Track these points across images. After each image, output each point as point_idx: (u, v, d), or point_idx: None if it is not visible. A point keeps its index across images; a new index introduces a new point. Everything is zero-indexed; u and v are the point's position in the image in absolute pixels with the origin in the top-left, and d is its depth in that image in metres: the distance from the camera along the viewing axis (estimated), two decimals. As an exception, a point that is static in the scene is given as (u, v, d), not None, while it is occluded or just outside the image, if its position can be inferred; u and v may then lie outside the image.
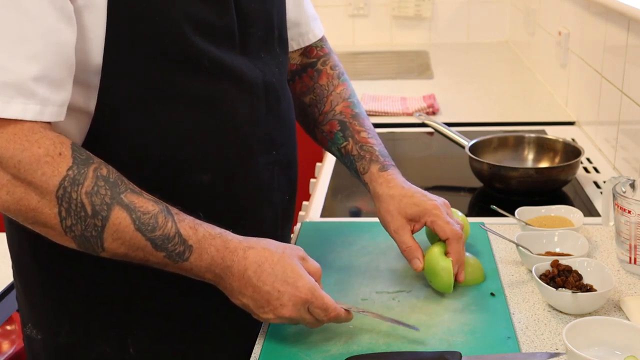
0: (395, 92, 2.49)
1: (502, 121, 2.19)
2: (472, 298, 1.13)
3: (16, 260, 1.09)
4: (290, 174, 1.16)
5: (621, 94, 1.71)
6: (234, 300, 0.97)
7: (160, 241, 0.90)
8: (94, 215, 0.86)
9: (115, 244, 0.88)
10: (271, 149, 1.09)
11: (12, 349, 1.85)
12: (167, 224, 0.90)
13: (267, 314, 0.96)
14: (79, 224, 0.86)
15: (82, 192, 0.86)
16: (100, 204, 0.86)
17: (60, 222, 0.86)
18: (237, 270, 0.94)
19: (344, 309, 1.00)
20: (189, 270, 0.94)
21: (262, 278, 0.94)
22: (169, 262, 0.92)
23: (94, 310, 1.04)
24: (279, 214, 1.13)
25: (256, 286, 0.94)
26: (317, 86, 1.25)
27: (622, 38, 1.69)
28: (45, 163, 0.84)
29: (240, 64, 1.01)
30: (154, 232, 0.89)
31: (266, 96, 1.07)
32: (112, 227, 0.87)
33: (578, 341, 0.94)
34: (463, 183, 1.74)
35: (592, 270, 1.12)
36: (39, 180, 0.84)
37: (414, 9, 3.38)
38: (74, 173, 0.85)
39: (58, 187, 0.85)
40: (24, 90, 0.83)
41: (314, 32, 1.26)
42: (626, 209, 1.17)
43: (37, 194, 0.85)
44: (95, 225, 0.87)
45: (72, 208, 0.86)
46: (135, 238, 0.89)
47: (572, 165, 1.59)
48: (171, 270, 0.94)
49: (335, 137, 1.22)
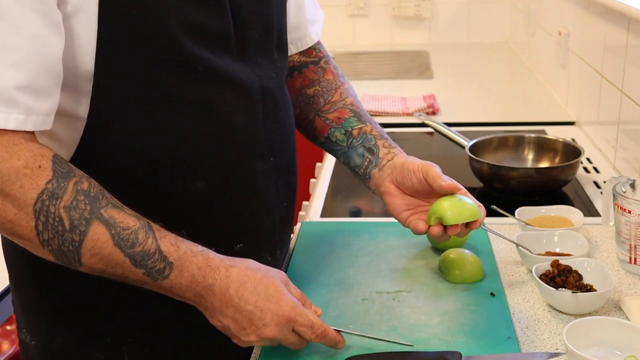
0: (395, 92, 2.49)
1: (502, 121, 2.19)
2: (472, 298, 1.13)
3: (11, 266, 1.08)
4: (289, 180, 1.14)
5: (621, 94, 1.71)
6: (214, 322, 0.95)
7: (139, 257, 0.88)
8: (72, 229, 0.85)
9: (93, 259, 0.87)
10: (269, 155, 1.07)
11: (12, 349, 1.85)
12: (147, 240, 0.89)
13: (249, 336, 0.93)
14: (56, 238, 0.85)
15: (61, 205, 0.84)
16: (78, 219, 0.85)
17: (37, 236, 0.85)
18: (218, 289, 0.92)
19: (333, 329, 0.97)
20: (169, 289, 0.92)
21: (244, 297, 0.92)
22: (148, 279, 0.90)
23: (88, 317, 1.03)
24: (276, 221, 1.11)
25: (238, 305, 0.92)
26: (323, 80, 1.24)
27: (622, 38, 1.69)
28: (24, 175, 0.83)
29: (236, 68, 1.00)
30: (134, 248, 0.88)
31: (263, 101, 1.05)
32: (90, 243, 0.86)
33: (578, 341, 0.94)
34: (463, 183, 1.71)
35: (592, 270, 1.12)
36: (16, 193, 0.83)
37: (414, 9, 3.38)
38: (53, 187, 0.84)
39: (36, 200, 0.83)
40: (6, 99, 0.81)
41: (311, 36, 1.25)
42: (626, 209, 1.17)
43: (14, 207, 0.83)
44: (73, 240, 0.85)
45: (50, 222, 0.84)
46: (114, 254, 0.87)
47: (572, 165, 1.59)
48: (150, 289, 0.92)
49: (346, 122, 1.20)
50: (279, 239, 1.14)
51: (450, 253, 1.20)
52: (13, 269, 1.08)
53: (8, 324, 1.89)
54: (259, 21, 1.04)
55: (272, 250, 1.11)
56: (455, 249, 1.22)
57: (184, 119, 0.95)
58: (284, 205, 1.13)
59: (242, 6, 1.00)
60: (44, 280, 1.03)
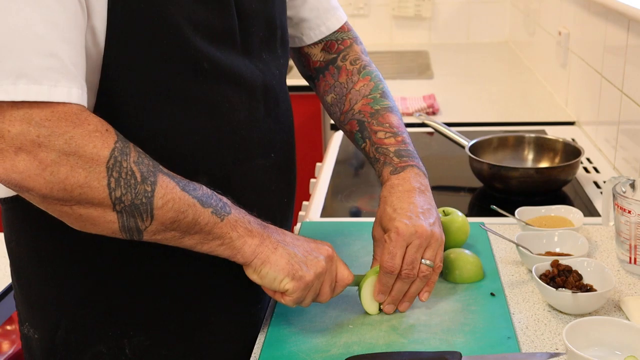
0: (395, 92, 2.49)
1: (502, 121, 2.19)
2: (472, 298, 1.13)
3: (14, 259, 1.08)
4: (288, 176, 1.15)
5: (621, 94, 1.71)
6: (277, 256, 0.97)
7: (205, 198, 0.92)
8: (144, 180, 0.88)
9: (165, 208, 0.89)
10: (270, 151, 1.08)
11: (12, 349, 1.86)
12: (202, 186, 0.94)
13: (309, 269, 0.98)
14: (129, 192, 0.87)
15: (131, 161, 0.88)
16: (146, 171, 0.88)
17: (109, 195, 0.86)
18: (274, 228, 1.00)
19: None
20: (234, 225, 0.95)
21: (296, 239, 1.01)
22: (217, 219, 0.93)
23: (91, 310, 1.03)
24: (277, 217, 1.12)
25: (295, 242, 1.00)
26: (337, 84, 1.23)
27: (622, 38, 1.69)
28: (96, 137, 0.86)
29: (241, 65, 1.01)
30: (196, 191, 0.92)
31: (265, 99, 1.06)
32: (161, 190, 0.89)
33: (578, 341, 0.94)
34: (463, 183, 1.74)
35: (592, 270, 1.12)
36: (90, 153, 0.85)
37: (414, 9, 3.38)
38: (121, 145, 0.87)
39: (109, 157, 0.86)
40: (67, 73, 0.84)
41: (327, 24, 1.24)
42: (626, 209, 1.17)
43: (86, 169, 0.85)
44: (146, 190, 0.88)
45: (122, 177, 0.87)
46: (183, 197, 0.90)
47: (572, 165, 1.59)
48: (214, 239, 0.94)
49: (356, 138, 1.21)
50: None
51: (450, 253, 1.20)
52: (16, 263, 1.08)
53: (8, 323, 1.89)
54: (262, 18, 1.06)
55: None
56: (455, 249, 1.22)
57: (187, 114, 0.97)
58: (284, 201, 1.14)
59: (245, 4, 1.02)
60: (47, 273, 1.03)
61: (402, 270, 1.05)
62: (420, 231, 1.04)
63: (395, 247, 1.04)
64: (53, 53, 0.82)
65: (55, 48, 0.82)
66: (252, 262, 0.96)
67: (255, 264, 0.96)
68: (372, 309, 1.09)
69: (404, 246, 1.04)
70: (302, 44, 1.24)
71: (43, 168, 0.83)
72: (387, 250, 1.05)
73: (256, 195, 1.07)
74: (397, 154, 1.15)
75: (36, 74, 0.81)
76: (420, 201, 1.09)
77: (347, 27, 1.27)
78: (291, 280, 0.97)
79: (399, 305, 1.09)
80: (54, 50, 0.82)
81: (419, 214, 1.06)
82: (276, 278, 0.97)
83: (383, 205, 1.10)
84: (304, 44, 1.24)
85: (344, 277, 1.04)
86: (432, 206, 1.10)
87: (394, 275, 1.05)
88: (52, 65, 0.82)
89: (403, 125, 1.20)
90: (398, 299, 1.08)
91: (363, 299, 1.08)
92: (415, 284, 1.07)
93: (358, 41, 1.27)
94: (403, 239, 1.04)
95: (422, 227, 1.05)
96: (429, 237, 1.05)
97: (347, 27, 1.27)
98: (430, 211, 1.08)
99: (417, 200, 1.08)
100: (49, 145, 0.83)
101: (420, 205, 1.08)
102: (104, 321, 1.04)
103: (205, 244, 0.94)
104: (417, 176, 1.12)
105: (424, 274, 1.06)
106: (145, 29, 0.90)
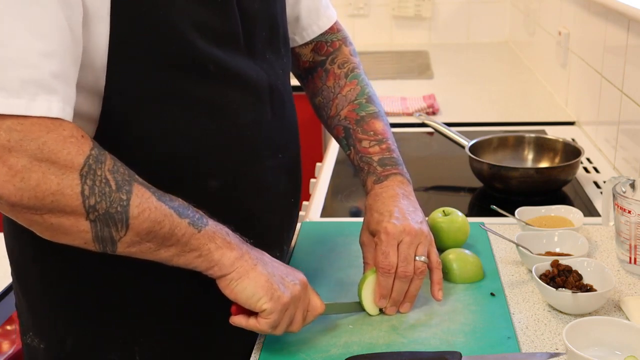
0: (395, 92, 2.49)
1: (502, 121, 2.20)
2: (472, 298, 1.13)
3: (16, 267, 1.07)
4: (295, 177, 1.15)
5: (621, 94, 1.71)
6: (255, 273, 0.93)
7: (181, 209, 0.89)
8: (119, 189, 0.85)
9: (141, 217, 0.86)
10: (277, 152, 1.08)
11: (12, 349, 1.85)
12: (178, 198, 0.91)
13: (285, 291, 0.94)
14: (103, 200, 0.84)
15: (106, 169, 0.85)
16: (122, 180, 0.86)
17: (82, 203, 0.83)
18: (251, 246, 0.96)
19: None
20: (212, 237, 0.91)
21: (274, 261, 0.98)
22: (194, 231, 0.89)
23: (100, 318, 1.02)
24: (284, 218, 1.12)
25: (272, 263, 0.97)
26: (324, 88, 1.23)
27: (622, 38, 1.69)
28: (70, 143, 0.83)
29: (246, 66, 1.01)
30: (173, 202, 0.89)
31: (271, 99, 1.06)
32: (137, 199, 0.86)
33: (578, 341, 0.94)
34: (463, 183, 1.74)
35: (592, 270, 1.12)
36: (63, 160, 0.82)
37: (414, 9, 3.38)
38: (96, 152, 0.85)
39: (83, 165, 0.83)
40: (46, 87, 0.81)
41: (318, 23, 1.23)
42: (626, 209, 1.17)
43: (58, 176, 0.82)
44: (121, 199, 0.85)
45: (97, 185, 0.84)
46: (160, 207, 0.87)
47: (572, 165, 1.59)
48: (191, 250, 0.90)
49: (341, 144, 1.22)
50: (286, 236, 1.16)
51: (450, 253, 1.20)
52: (20, 273, 1.07)
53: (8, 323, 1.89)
54: (264, 19, 1.05)
55: (280, 246, 1.13)
56: (455, 249, 1.22)
57: (195, 118, 0.96)
58: (290, 202, 1.14)
59: (247, 5, 1.01)
60: (53, 282, 1.02)
61: (398, 269, 1.05)
62: (409, 229, 1.07)
63: (387, 246, 1.05)
64: (35, 65, 0.80)
65: (36, 60, 0.80)
66: (230, 274, 0.92)
67: (233, 277, 0.92)
68: (373, 310, 1.09)
69: (395, 244, 1.06)
70: (295, 44, 1.24)
71: (13, 174, 0.80)
72: (379, 251, 1.06)
73: (264, 197, 1.07)
74: (381, 163, 1.16)
75: (15, 86, 0.79)
76: (405, 204, 1.11)
77: (337, 27, 1.27)
78: (269, 300, 0.92)
79: (400, 307, 1.09)
80: (35, 62, 0.80)
81: (405, 215, 1.09)
82: (254, 295, 0.92)
83: (369, 212, 1.12)
84: (297, 44, 1.24)
85: (316, 306, 1.00)
86: (417, 208, 1.12)
87: (392, 275, 1.05)
88: (32, 77, 0.80)
89: (388, 130, 1.21)
90: (399, 300, 1.08)
91: (363, 299, 1.08)
92: (414, 283, 1.07)
93: (347, 42, 1.27)
94: (393, 238, 1.06)
95: (409, 226, 1.07)
96: (418, 235, 1.07)
97: (337, 28, 1.27)
98: (416, 212, 1.11)
99: (401, 204, 1.11)
100: (20, 150, 0.80)
101: (405, 208, 1.10)
102: (114, 329, 1.03)
103: (182, 256, 0.90)
104: (400, 184, 1.14)
105: (420, 270, 1.06)
106: (149, 33, 0.90)
